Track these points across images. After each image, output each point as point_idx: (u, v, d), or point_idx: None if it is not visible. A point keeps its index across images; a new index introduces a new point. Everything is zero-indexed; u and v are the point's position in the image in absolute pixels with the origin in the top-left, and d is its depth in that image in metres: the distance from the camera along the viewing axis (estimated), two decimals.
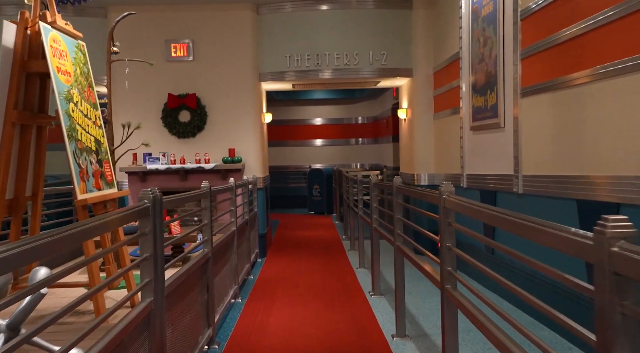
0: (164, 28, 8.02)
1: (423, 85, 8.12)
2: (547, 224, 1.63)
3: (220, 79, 8.11)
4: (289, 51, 8.15)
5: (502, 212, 2.07)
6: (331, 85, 9.15)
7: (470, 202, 2.58)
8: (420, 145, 8.19)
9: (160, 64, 8.05)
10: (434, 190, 2.93)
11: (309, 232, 10.91)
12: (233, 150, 8.04)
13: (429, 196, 3.05)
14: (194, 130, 8.07)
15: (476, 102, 5.96)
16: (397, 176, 4.32)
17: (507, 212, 2.03)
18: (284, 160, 15.40)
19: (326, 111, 15.46)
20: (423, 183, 8.17)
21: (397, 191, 4.23)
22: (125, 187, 8.08)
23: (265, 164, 8.84)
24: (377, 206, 5.65)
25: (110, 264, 3.75)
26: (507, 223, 1.97)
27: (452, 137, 7.17)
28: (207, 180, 7.87)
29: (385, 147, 13.10)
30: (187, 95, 8.03)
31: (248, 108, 8.18)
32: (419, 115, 8.19)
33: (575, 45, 3.90)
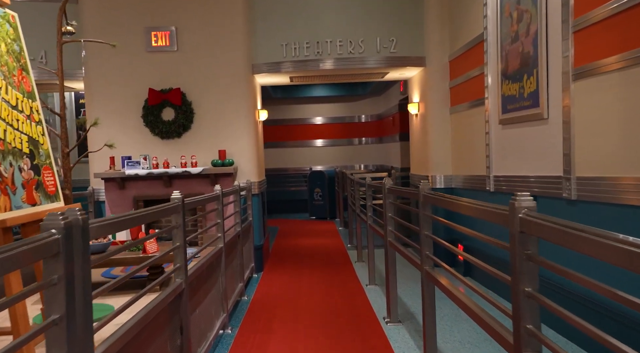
0: (143, 14, 7.08)
1: (437, 75, 7.18)
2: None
3: (208, 72, 7.17)
4: (285, 39, 7.21)
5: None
6: (334, 77, 8.20)
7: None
8: (435, 143, 7.24)
9: (139, 54, 7.11)
10: (503, 207, 2.01)
11: (311, 240, 9.97)
12: (224, 152, 7.10)
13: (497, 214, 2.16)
14: (179, 129, 7.13)
15: (507, 90, 5.02)
16: (424, 181, 3.37)
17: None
18: (283, 162, 14.47)
19: (327, 109, 14.53)
20: (439, 186, 7.23)
21: (426, 201, 3.28)
22: (102, 196, 7.14)
23: (260, 167, 7.90)
24: (392, 216, 4.71)
25: None
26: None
27: (474, 133, 6.23)
28: (194, 186, 6.92)
29: (392, 146, 12.16)
30: (170, 90, 7.09)
31: (240, 104, 7.24)
32: (433, 110, 7.25)
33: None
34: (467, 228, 2.60)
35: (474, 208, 2.24)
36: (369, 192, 6.27)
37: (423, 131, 7.59)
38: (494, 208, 2.01)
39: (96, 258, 2.05)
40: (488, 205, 2.11)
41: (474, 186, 6.24)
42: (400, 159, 11.10)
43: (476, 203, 2.23)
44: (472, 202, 2.32)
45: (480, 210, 2.16)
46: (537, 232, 1.72)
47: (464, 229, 2.63)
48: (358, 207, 7.82)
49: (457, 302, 2.78)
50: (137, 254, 4.76)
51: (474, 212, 2.24)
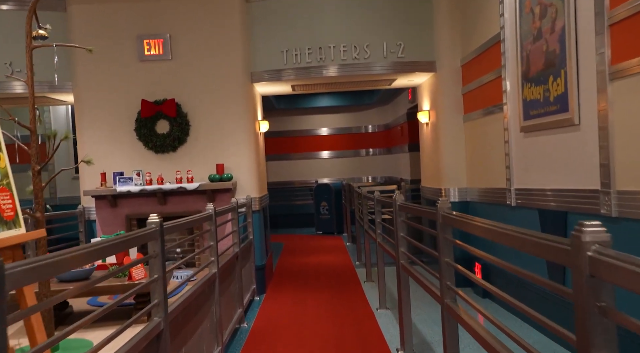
0: (135, 21, 6.68)
1: (449, 81, 6.71)
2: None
3: (205, 81, 6.75)
4: (286, 45, 6.78)
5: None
6: (338, 85, 7.75)
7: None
8: (448, 153, 6.75)
9: (131, 64, 6.70)
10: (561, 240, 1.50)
11: (317, 258, 9.46)
12: (221, 166, 6.64)
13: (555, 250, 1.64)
14: (174, 143, 6.69)
15: (530, 94, 4.53)
16: (443, 199, 2.88)
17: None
18: (288, 175, 14.01)
19: (332, 120, 14.08)
20: (453, 200, 6.72)
21: (446, 222, 2.79)
22: (93, 215, 6.69)
23: (262, 182, 7.44)
24: (404, 236, 4.21)
25: None
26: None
27: (491, 142, 5.74)
28: (191, 203, 6.47)
29: (401, 157, 11.68)
30: (164, 102, 6.67)
31: (239, 115, 6.80)
32: (445, 118, 6.77)
33: None
34: (511, 265, 2.07)
35: (518, 239, 1.75)
36: (378, 207, 5.79)
37: (434, 141, 7.10)
38: (550, 242, 1.51)
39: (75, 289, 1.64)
40: (539, 236, 1.61)
41: (492, 200, 5.73)
42: (410, 171, 10.60)
43: (521, 233, 1.73)
44: (514, 230, 1.82)
45: (528, 241, 1.66)
46: (615, 277, 1.23)
47: (509, 266, 2.06)
48: (366, 222, 7.33)
49: (484, 345, 2.29)
50: (122, 281, 4.31)
51: (519, 244, 1.74)
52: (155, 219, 2.79)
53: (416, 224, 3.91)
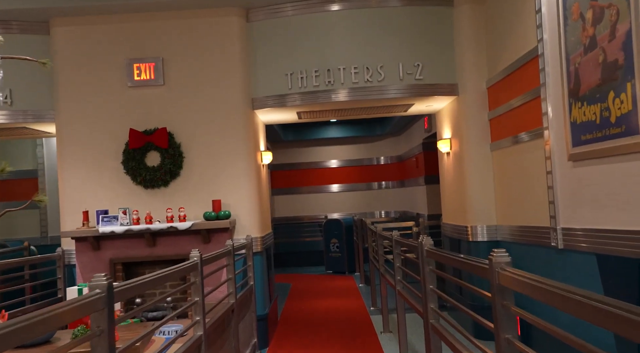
0: (124, 43, 6.07)
1: (473, 105, 5.98)
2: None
3: (200, 108, 6.08)
4: (290, 67, 6.11)
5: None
6: (349, 112, 7.02)
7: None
8: (475, 187, 5.97)
9: (119, 90, 6.06)
10: None
11: (327, 302, 8.59)
12: (218, 203, 5.90)
13: None
14: (165, 177, 5.97)
15: (580, 115, 3.77)
16: (499, 253, 2.07)
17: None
18: (295, 210, 13.23)
19: (343, 151, 13.38)
20: (480, 239, 5.91)
21: (506, 285, 1.99)
22: (73, 259, 5.93)
23: (264, 219, 6.67)
24: (434, 289, 3.39)
25: None
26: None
27: (527, 173, 4.96)
28: (183, 245, 5.69)
29: (417, 191, 10.88)
30: (155, 131, 5.98)
31: (239, 145, 6.09)
32: (470, 147, 6.01)
33: None
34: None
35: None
36: (397, 249, 4.98)
37: (458, 172, 6.33)
38: None
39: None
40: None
41: (530, 240, 4.91)
42: (427, 205, 9.80)
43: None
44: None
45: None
46: None
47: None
48: (382, 264, 6.51)
49: None
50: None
51: None
52: (101, 280, 2.02)
53: (453, 278, 3.10)
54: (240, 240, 5.88)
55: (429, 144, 9.75)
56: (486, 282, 2.16)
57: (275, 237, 13.23)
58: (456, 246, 6.50)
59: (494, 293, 2.04)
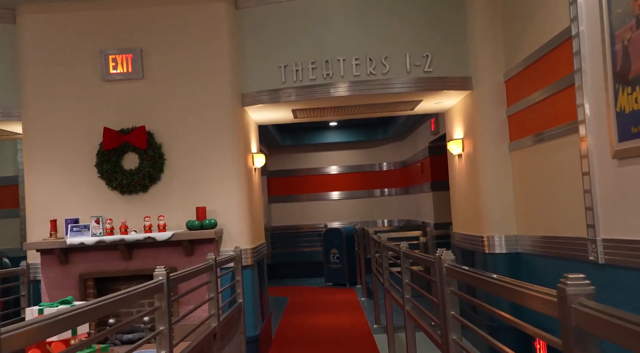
0: (98, 33, 5.45)
1: (489, 100, 5.34)
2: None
3: (184, 105, 5.44)
4: (284, 59, 5.48)
5: None
6: (350, 110, 6.36)
7: None
8: (491, 192, 5.31)
9: (93, 85, 5.43)
10: None
11: (327, 318, 7.90)
12: (203, 210, 5.24)
13: None
14: (144, 181, 5.32)
15: (631, 102, 3.12)
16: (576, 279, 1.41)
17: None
18: (293, 219, 12.56)
19: (343, 157, 12.73)
20: (498, 250, 5.24)
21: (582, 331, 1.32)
22: (39, 274, 5.26)
23: (256, 229, 6.00)
24: (456, 316, 2.72)
25: None
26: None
27: (556, 175, 4.31)
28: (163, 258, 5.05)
29: (422, 198, 10.21)
30: (132, 130, 5.35)
31: (227, 146, 5.45)
32: (486, 147, 5.37)
33: None
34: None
35: None
36: (406, 264, 4.31)
37: (472, 176, 5.67)
38: None
39: None
40: None
41: (560, 252, 4.25)
42: (434, 213, 9.13)
43: None
44: None
45: None
46: None
47: None
48: (387, 279, 5.83)
49: None
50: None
51: None
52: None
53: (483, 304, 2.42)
54: (228, 252, 5.23)
55: (436, 147, 9.11)
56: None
57: (272, 247, 12.63)
58: (469, 259, 5.83)
59: (569, 340, 1.37)
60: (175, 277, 2.94)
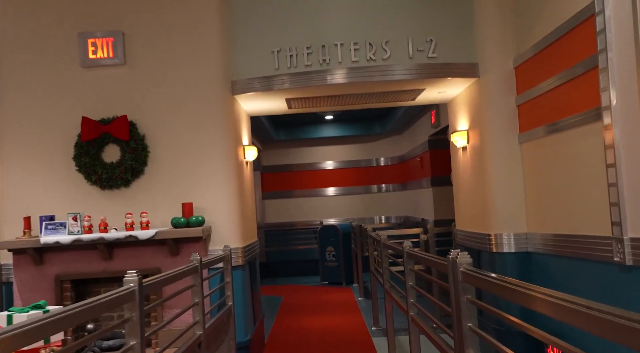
0: (77, 14, 5.04)
1: (497, 89, 4.98)
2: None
3: (169, 93, 5.05)
4: (277, 43, 5.10)
5: None
6: (346, 100, 5.97)
7: None
8: (499, 186, 4.96)
9: (71, 71, 5.03)
10: None
11: (323, 319, 7.55)
12: (190, 206, 4.86)
13: None
14: (125, 175, 4.93)
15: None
16: None
17: None
18: (288, 216, 12.19)
19: (339, 152, 12.35)
20: (506, 250, 4.89)
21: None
22: (12, 276, 4.87)
23: (248, 226, 5.63)
24: (474, 329, 2.36)
25: None
26: None
27: (573, 167, 3.95)
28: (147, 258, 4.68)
29: (421, 194, 9.86)
30: (113, 120, 4.95)
31: (216, 138, 5.07)
32: (493, 139, 5.01)
33: None
34: None
35: None
36: (410, 265, 3.94)
37: (478, 170, 5.31)
38: None
39: None
40: None
41: (577, 252, 3.90)
42: (434, 209, 8.78)
43: None
44: None
45: None
46: None
47: None
48: (387, 280, 5.47)
49: None
50: None
51: None
52: None
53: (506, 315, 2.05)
54: (217, 251, 4.86)
55: (436, 141, 8.76)
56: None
57: (266, 245, 12.25)
58: (474, 258, 5.46)
59: None
60: (150, 284, 2.56)
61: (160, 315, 4.71)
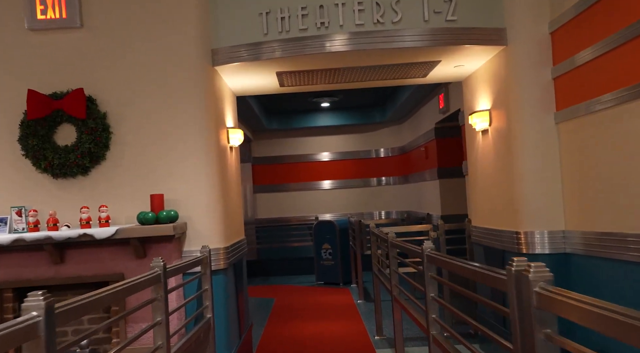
0: None
1: (529, 58, 4.17)
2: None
3: (136, 63, 4.21)
4: (266, 4, 4.25)
5: None
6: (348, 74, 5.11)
7: None
8: (531, 175, 4.16)
9: (15, 35, 4.18)
10: None
11: (318, 326, 6.74)
12: (160, 199, 4.03)
13: None
14: (83, 161, 4.09)
15: None
16: None
17: None
18: (281, 211, 11.37)
19: (336, 142, 11.52)
20: (539, 250, 4.11)
21: None
22: None
23: (232, 223, 4.80)
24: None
25: None
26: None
27: (630, 153, 3.16)
28: (106, 262, 3.77)
29: (425, 187, 9.05)
30: (67, 94, 4.10)
31: (192, 117, 4.23)
32: (524, 119, 4.20)
33: None
34: None
35: None
36: (431, 271, 3.13)
37: (503, 156, 4.50)
38: None
39: None
40: None
41: (628, 254, 3.11)
42: (441, 204, 7.97)
43: None
44: None
45: None
46: None
47: None
48: (395, 285, 4.67)
49: None
50: None
51: None
52: None
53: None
54: (194, 253, 4.05)
55: (444, 128, 7.95)
56: None
57: (258, 242, 11.42)
58: (496, 260, 4.68)
59: None
60: (65, 310, 1.71)
61: (123, 330, 3.89)
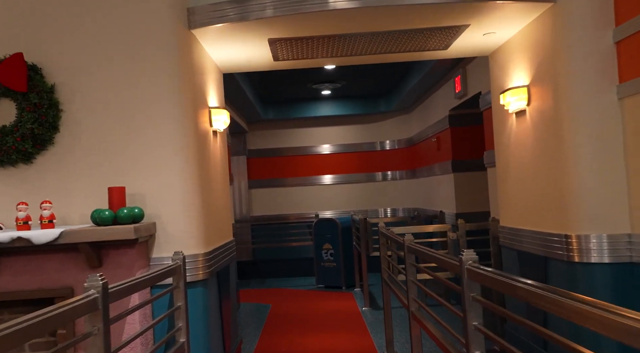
0: None
1: (582, 19, 3.34)
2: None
3: (92, 24, 3.38)
4: None
5: None
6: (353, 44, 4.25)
7: None
8: (585, 166, 3.33)
9: None
10: None
11: (319, 340, 5.93)
12: (120, 193, 3.20)
13: None
14: (24, 145, 3.26)
15: None
16: None
17: None
18: (278, 208, 10.56)
19: (337, 134, 10.69)
20: (596, 259, 3.30)
21: None
22: None
23: (216, 223, 3.97)
24: None
25: None
26: None
27: None
28: (50, 273, 2.91)
29: (437, 182, 8.22)
30: (2, 61, 3.27)
31: (164, 92, 3.40)
32: (576, 95, 3.37)
33: None
34: None
35: None
36: (474, 291, 2.30)
37: (547, 142, 3.67)
38: None
39: None
40: None
41: None
42: (456, 201, 7.15)
43: None
44: None
45: None
46: None
47: None
48: (413, 299, 3.84)
49: None
50: None
51: None
52: None
53: None
54: (165, 261, 3.23)
55: (459, 115, 7.13)
56: None
57: (253, 242, 10.59)
58: (537, 268, 3.86)
59: None
60: None
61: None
